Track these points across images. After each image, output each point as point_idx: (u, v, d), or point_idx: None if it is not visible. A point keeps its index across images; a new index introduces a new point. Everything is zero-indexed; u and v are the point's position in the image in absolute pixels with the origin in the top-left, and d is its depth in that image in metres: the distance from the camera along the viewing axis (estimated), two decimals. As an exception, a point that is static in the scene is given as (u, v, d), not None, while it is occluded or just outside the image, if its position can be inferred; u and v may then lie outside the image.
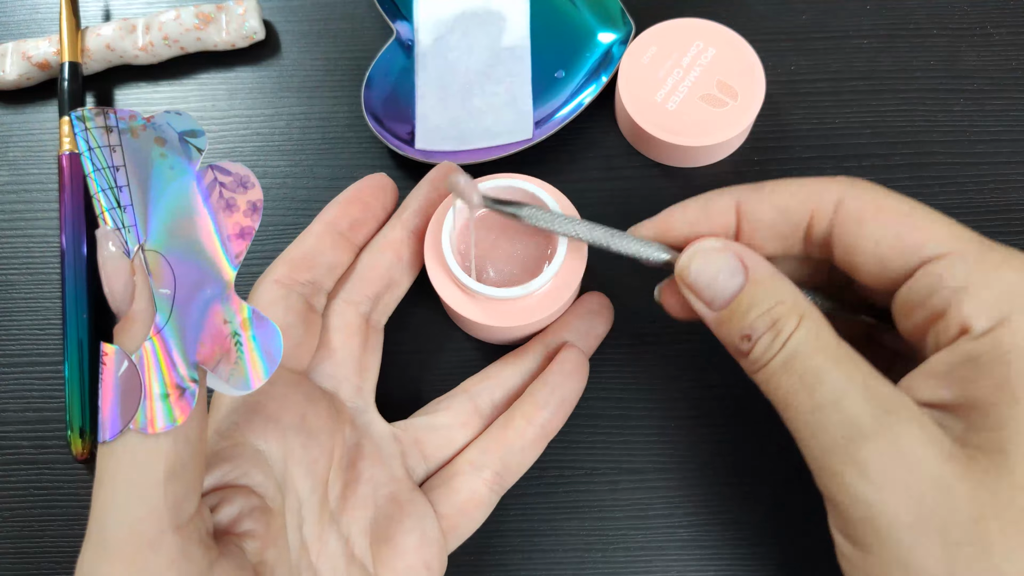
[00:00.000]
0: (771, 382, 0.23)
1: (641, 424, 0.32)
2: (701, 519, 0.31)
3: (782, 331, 0.23)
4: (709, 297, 0.25)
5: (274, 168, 0.37)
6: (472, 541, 0.31)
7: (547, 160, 0.36)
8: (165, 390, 0.20)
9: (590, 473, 0.32)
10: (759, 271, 0.24)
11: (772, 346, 0.23)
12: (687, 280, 0.25)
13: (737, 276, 0.24)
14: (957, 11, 0.38)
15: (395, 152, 0.37)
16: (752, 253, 0.25)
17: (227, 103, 0.39)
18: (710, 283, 0.25)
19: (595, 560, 0.31)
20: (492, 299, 0.29)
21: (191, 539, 0.21)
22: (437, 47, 0.37)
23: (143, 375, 0.20)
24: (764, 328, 0.23)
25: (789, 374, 0.23)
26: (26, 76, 0.38)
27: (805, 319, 0.23)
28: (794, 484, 0.31)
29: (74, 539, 0.31)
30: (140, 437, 0.20)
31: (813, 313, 0.23)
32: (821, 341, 0.23)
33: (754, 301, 0.24)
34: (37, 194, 0.37)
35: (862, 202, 0.24)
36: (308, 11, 0.40)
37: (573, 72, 0.37)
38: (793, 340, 0.23)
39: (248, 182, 0.23)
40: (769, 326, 0.23)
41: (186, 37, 0.38)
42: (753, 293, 0.24)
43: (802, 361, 0.23)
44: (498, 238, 0.31)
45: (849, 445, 0.21)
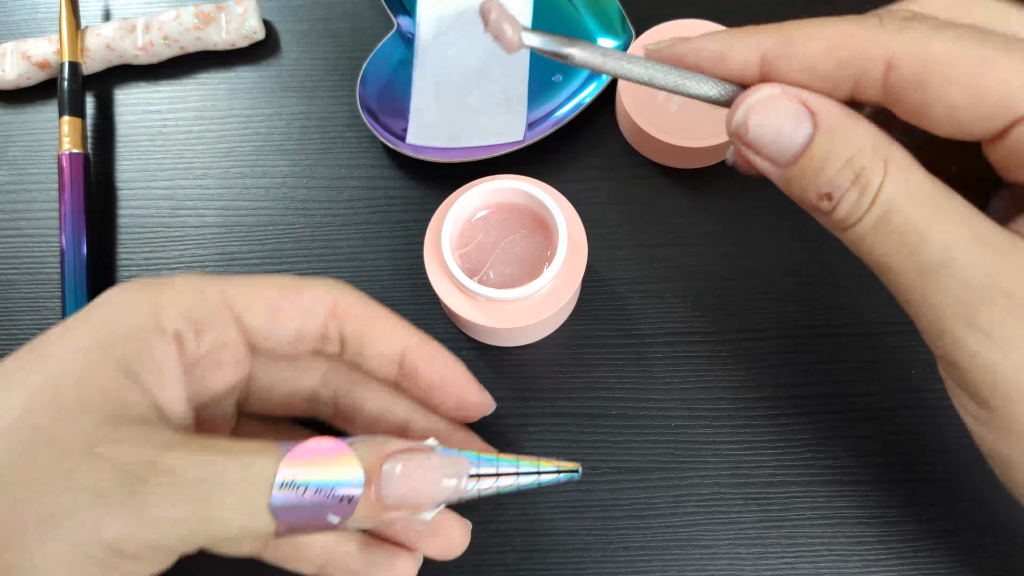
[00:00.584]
0: (864, 244, 0.21)
1: (641, 424, 0.32)
2: (701, 519, 0.31)
3: (869, 184, 0.20)
4: (774, 153, 0.21)
5: (273, 167, 0.37)
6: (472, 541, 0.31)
7: (547, 160, 0.36)
8: None
9: (590, 473, 0.32)
10: (830, 115, 0.21)
11: (860, 203, 0.20)
12: (746, 138, 0.22)
13: (804, 125, 0.21)
14: (957, 11, 0.38)
15: (394, 151, 0.37)
16: (817, 96, 0.21)
17: (227, 103, 0.39)
18: (775, 138, 0.21)
19: (595, 560, 0.31)
20: (492, 300, 0.29)
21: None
22: (437, 43, 0.37)
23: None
24: (847, 183, 0.20)
25: (886, 234, 0.20)
26: (26, 76, 0.38)
27: (891, 165, 0.20)
28: (794, 484, 0.31)
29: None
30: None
31: (900, 156, 0.20)
32: (916, 189, 0.20)
33: (829, 152, 0.21)
34: (37, 194, 0.37)
35: (920, 62, 0.20)
36: (308, 11, 0.40)
37: (571, 77, 0.37)
38: (884, 193, 0.20)
39: None
40: (853, 180, 0.20)
41: (186, 37, 0.38)
42: (826, 143, 0.21)
43: (899, 216, 0.20)
44: (498, 239, 0.31)
45: (968, 309, 0.19)
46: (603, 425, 0.32)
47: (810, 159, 0.21)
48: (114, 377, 0.22)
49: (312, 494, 0.21)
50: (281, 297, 0.25)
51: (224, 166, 0.37)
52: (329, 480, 0.21)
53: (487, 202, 0.31)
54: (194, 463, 0.21)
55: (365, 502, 0.21)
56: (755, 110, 0.21)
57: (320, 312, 0.25)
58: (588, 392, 0.33)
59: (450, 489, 0.22)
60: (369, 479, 0.21)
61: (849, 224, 0.21)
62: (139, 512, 0.20)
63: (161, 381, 0.23)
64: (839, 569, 0.30)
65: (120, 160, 0.38)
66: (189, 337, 0.24)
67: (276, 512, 0.21)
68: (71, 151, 0.36)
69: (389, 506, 0.21)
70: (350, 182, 0.37)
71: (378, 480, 0.21)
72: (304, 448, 0.21)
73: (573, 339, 0.33)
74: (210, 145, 0.38)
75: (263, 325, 0.25)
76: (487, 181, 0.30)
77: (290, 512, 0.21)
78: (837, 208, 0.21)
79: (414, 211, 0.36)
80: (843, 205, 0.21)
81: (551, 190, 0.31)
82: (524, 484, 0.23)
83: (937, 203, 0.20)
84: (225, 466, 0.21)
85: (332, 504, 0.21)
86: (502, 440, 0.32)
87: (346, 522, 0.21)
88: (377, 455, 0.22)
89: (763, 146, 0.22)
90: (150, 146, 0.38)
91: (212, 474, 0.21)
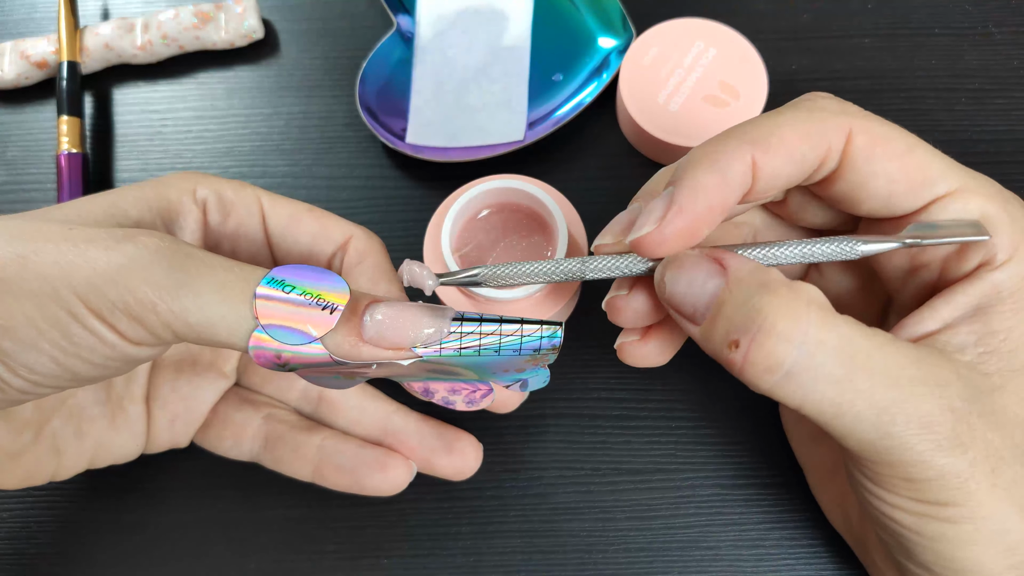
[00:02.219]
0: (782, 385, 0.21)
1: (641, 425, 0.32)
2: (702, 520, 0.31)
3: (775, 327, 0.20)
4: (690, 310, 0.22)
5: (273, 167, 0.37)
6: (472, 541, 0.31)
7: (547, 160, 0.36)
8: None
9: (591, 474, 0.32)
10: (738, 269, 0.22)
11: (771, 352, 0.20)
12: (665, 294, 0.23)
13: (715, 277, 0.22)
14: (958, 10, 0.38)
15: (393, 150, 0.37)
16: (731, 253, 0.22)
17: (226, 102, 0.38)
18: (687, 289, 0.22)
19: (596, 561, 0.31)
20: (492, 301, 0.29)
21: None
22: (437, 42, 0.37)
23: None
24: (754, 328, 0.20)
25: (798, 376, 0.20)
26: (24, 75, 0.38)
27: (799, 309, 0.20)
28: (795, 485, 0.31)
29: (72, 541, 0.31)
30: None
31: (812, 295, 0.21)
32: (827, 332, 0.21)
33: (736, 301, 0.21)
34: (36, 193, 0.37)
35: (871, 137, 0.22)
36: (307, 10, 0.40)
37: (571, 76, 0.36)
38: (796, 335, 0.20)
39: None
40: (758, 325, 0.20)
41: (185, 36, 0.38)
42: (734, 293, 0.21)
43: (813, 358, 0.20)
44: (498, 239, 0.31)
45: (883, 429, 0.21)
46: (603, 426, 0.32)
47: (719, 306, 0.21)
48: (140, 210, 0.25)
49: (298, 294, 0.21)
50: (306, 212, 0.27)
51: (223, 165, 0.37)
52: (319, 286, 0.21)
53: (487, 202, 0.31)
54: (187, 248, 0.21)
55: (345, 327, 0.21)
56: (670, 266, 0.22)
57: (335, 239, 0.27)
58: (588, 392, 0.33)
59: (430, 332, 0.21)
60: (354, 306, 0.21)
61: (779, 372, 0.20)
62: (113, 261, 0.20)
63: (183, 233, 0.26)
64: (839, 570, 0.30)
65: (119, 160, 0.38)
66: (215, 212, 0.26)
67: (259, 307, 0.20)
68: (69, 151, 0.36)
69: (369, 337, 0.21)
70: (349, 182, 0.37)
71: (362, 312, 0.21)
72: (298, 265, 0.22)
73: (573, 339, 0.33)
74: (209, 145, 0.38)
75: (281, 228, 0.27)
76: (487, 181, 0.30)
77: (272, 311, 0.20)
78: (748, 355, 0.21)
79: (414, 211, 0.36)
80: (752, 351, 0.20)
81: (551, 190, 0.31)
82: (507, 343, 0.22)
83: (850, 351, 0.21)
84: (218, 256, 0.21)
85: (315, 312, 0.21)
86: (502, 441, 0.32)
87: (325, 343, 0.21)
88: (366, 294, 0.22)
89: (679, 300, 0.22)
90: (149, 145, 0.38)
91: (202, 254, 0.21)
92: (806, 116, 0.23)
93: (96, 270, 0.20)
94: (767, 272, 0.22)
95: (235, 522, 0.31)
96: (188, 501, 0.32)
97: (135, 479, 0.32)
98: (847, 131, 0.22)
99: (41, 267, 0.20)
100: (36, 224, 0.22)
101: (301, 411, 0.31)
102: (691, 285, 0.22)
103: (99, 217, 0.24)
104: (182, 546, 0.31)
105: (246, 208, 0.27)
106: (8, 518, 0.32)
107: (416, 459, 0.29)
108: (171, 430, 0.30)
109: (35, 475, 0.26)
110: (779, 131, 0.22)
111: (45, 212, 0.24)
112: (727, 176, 0.22)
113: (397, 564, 0.31)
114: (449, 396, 0.26)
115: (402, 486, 0.29)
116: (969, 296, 0.22)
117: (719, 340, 0.21)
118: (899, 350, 0.21)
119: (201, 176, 0.27)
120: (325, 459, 0.29)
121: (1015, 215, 0.23)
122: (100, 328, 0.20)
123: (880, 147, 0.22)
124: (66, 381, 0.22)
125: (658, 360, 0.25)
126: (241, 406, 0.30)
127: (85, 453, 0.28)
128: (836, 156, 0.23)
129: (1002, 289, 0.22)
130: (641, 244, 0.22)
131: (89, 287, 0.20)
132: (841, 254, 0.23)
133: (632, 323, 0.25)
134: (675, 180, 0.23)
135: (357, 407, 0.30)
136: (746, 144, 0.22)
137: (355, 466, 0.29)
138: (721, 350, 0.21)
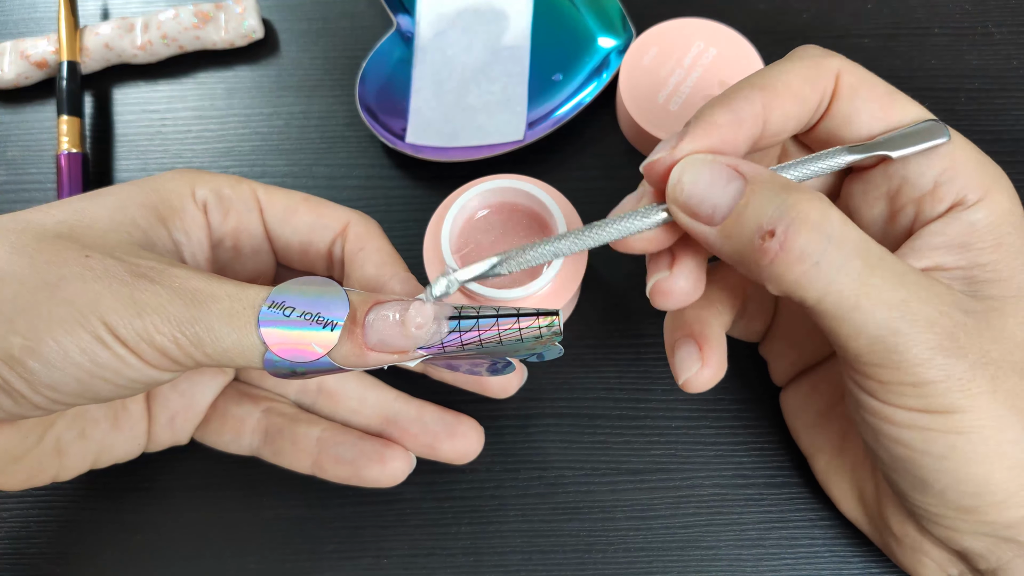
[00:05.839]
0: (829, 281, 0.21)
1: (641, 424, 0.32)
2: (702, 520, 0.31)
3: (809, 217, 0.21)
4: (709, 210, 0.22)
5: (273, 167, 0.37)
6: (472, 541, 0.31)
7: (547, 160, 0.36)
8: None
9: (590, 474, 0.32)
10: (758, 172, 0.22)
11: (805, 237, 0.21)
12: (680, 198, 0.23)
13: (735, 181, 0.22)
14: (958, 10, 0.38)
15: (393, 150, 0.37)
16: (744, 161, 0.23)
17: (226, 102, 0.38)
18: (706, 193, 0.22)
19: (595, 561, 0.31)
20: (492, 300, 0.29)
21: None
22: (437, 41, 0.37)
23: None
24: (792, 215, 0.21)
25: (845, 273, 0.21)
26: (24, 75, 0.38)
27: (825, 205, 0.22)
28: (794, 485, 0.31)
29: (72, 541, 0.31)
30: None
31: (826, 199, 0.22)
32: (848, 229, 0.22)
33: (765, 197, 0.22)
34: (36, 193, 0.37)
35: (856, 78, 0.24)
36: (307, 10, 0.40)
37: (571, 76, 0.36)
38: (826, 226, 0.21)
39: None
40: (792, 216, 0.21)
41: (185, 36, 0.38)
42: (762, 188, 0.22)
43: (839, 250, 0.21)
44: (499, 239, 0.31)
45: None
46: (603, 426, 0.32)
47: (746, 204, 0.22)
48: (146, 217, 0.25)
49: (298, 317, 0.22)
50: (302, 202, 0.28)
51: (223, 165, 0.37)
52: (316, 305, 0.22)
53: (487, 202, 0.31)
54: (195, 277, 0.23)
55: (348, 337, 0.22)
56: (687, 167, 0.23)
57: (333, 227, 0.27)
58: (588, 392, 0.33)
59: (430, 330, 0.22)
60: (355, 316, 0.22)
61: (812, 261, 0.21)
62: (136, 298, 0.22)
63: (188, 238, 0.26)
64: (840, 570, 0.30)
65: (119, 159, 0.38)
66: (215, 211, 0.27)
67: (264, 332, 0.22)
68: (69, 151, 0.36)
69: (372, 344, 0.22)
70: (349, 181, 0.37)
71: (363, 320, 0.22)
72: (296, 280, 0.23)
73: (573, 339, 0.33)
74: (209, 144, 0.38)
75: (278, 220, 0.27)
76: (486, 181, 0.30)
77: (277, 334, 0.22)
78: (785, 243, 0.21)
79: (414, 210, 0.36)
80: (790, 239, 0.21)
81: (551, 189, 0.31)
82: (507, 336, 0.23)
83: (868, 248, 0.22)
84: (223, 285, 0.23)
85: (317, 331, 0.22)
86: (502, 441, 0.32)
87: (331, 357, 0.22)
88: (366, 300, 0.23)
89: (697, 201, 0.22)
90: (149, 145, 0.38)
91: (209, 287, 0.22)
92: (802, 63, 0.24)
93: (120, 301, 0.21)
94: (783, 176, 0.23)
95: (235, 522, 0.31)
96: (188, 501, 0.32)
97: (135, 479, 0.32)
98: (836, 72, 0.24)
99: (69, 294, 0.21)
100: (52, 249, 0.22)
101: (301, 403, 0.31)
102: (711, 185, 0.22)
103: (106, 226, 0.24)
104: (182, 546, 0.31)
105: (244, 204, 0.27)
106: (8, 518, 0.32)
107: (419, 445, 0.29)
108: (172, 428, 0.30)
109: (38, 476, 0.27)
110: (784, 76, 0.24)
111: (47, 213, 0.24)
112: (740, 115, 0.23)
113: (397, 564, 0.31)
114: (473, 368, 0.27)
115: (401, 477, 0.29)
116: (947, 233, 0.24)
117: (748, 233, 0.22)
118: (904, 260, 0.23)
119: (197, 174, 0.27)
120: (324, 451, 0.29)
121: (984, 163, 0.24)
122: (127, 355, 0.22)
123: (865, 88, 0.24)
124: (85, 399, 0.23)
125: (693, 293, 0.25)
126: (240, 400, 0.30)
127: (88, 454, 0.28)
128: (827, 96, 0.25)
129: (979, 227, 0.23)
130: (654, 166, 0.23)
131: (116, 317, 0.21)
132: (832, 166, 0.24)
133: (681, 302, 0.25)
134: (689, 121, 0.24)
135: (357, 397, 0.30)
136: (756, 89, 0.24)
137: (354, 457, 0.29)
138: (751, 242, 0.22)
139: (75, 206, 0.24)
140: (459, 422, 0.30)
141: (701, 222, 0.23)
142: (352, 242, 0.27)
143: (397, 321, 0.22)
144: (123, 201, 0.25)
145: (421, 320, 0.22)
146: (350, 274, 0.27)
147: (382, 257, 0.27)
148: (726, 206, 0.22)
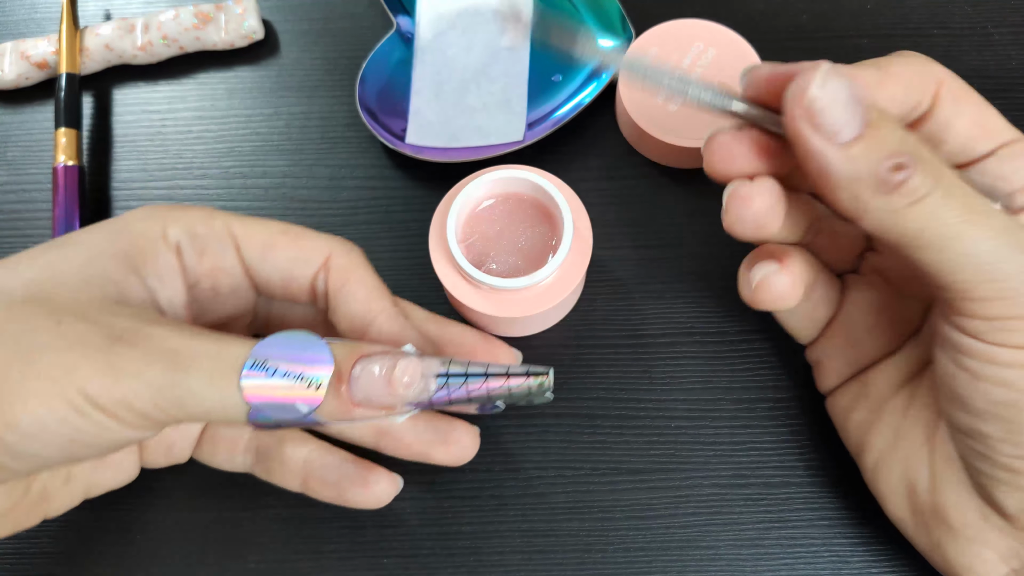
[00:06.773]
0: (933, 215, 0.21)
1: (641, 424, 0.32)
2: (701, 520, 0.31)
3: (925, 155, 0.22)
4: (836, 126, 0.22)
5: (273, 167, 0.37)
6: (472, 541, 0.31)
7: (547, 160, 0.36)
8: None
9: (590, 474, 0.32)
10: (883, 107, 0.23)
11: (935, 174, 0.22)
12: (807, 99, 0.22)
13: (865, 106, 0.22)
14: (957, 11, 0.38)
15: (393, 151, 0.37)
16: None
17: (226, 102, 0.38)
18: (848, 104, 0.22)
19: (595, 561, 0.31)
20: (496, 289, 0.29)
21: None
22: (437, 42, 0.37)
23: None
24: (925, 155, 0.22)
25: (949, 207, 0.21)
26: (25, 76, 0.38)
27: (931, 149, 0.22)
28: (795, 485, 0.31)
29: (72, 541, 0.31)
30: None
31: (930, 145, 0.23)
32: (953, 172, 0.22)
33: (892, 128, 0.22)
34: (35, 194, 0.37)
35: (956, 86, 0.25)
36: (307, 10, 0.40)
37: (571, 77, 0.36)
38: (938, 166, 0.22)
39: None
40: (917, 152, 0.22)
41: (185, 36, 0.38)
42: (889, 122, 0.22)
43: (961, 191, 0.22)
44: (503, 229, 0.31)
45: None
46: (603, 425, 0.32)
47: (878, 129, 0.22)
48: (117, 267, 0.24)
49: (281, 377, 0.21)
50: (280, 235, 0.26)
51: (223, 166, 0.37)
52: (299, 365, 0.21)
53: (492, 192, 0.31)
54: (174, 336, 0.22)
55: (334, 395, 0.22)
56: (829, 78, 0.22)
57: (314, 261, 0.26)
58: (588, 392, 0.33)
59: (418, 389, 0.22)
60: (340, 373, 0.22)
61: (919, 197, 0.21)
62: (114, 364, 0.21)
63: (162, 283, 0.25)
64: (839, 570, 0.30)
65: (119, 160, 0.38)
66: (189, 252, 0.26)
67: (247, 392, 0.21)
68: (66, 163, 0.36)
69: (358, 401, 0.22)
70: (349, 182, 0.37)
71: (348, 376, 0.22)
72: (278, 336, 0.22)
73: (573, 339, 0.33)
74: (209, 145, 0.38)
75: (256, 258, 0.26)
76: (493, 171, 0.30)
77: (260, 393, 0.21)
78: (913, 177, 0.21)
79: (414, 211, 0.36)
80: (917, 176, 0.21)
81: (557, 180, 0.31)
82: (495, 391, 0.22)
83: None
84: (202, 343, 0.22)
85: (301, 390, 0.21)
86: (502, 441, 0.32)
87: (317, 414, 0.22)
88: (350, 353, 0.22)
89: (828, 110, 0.22)
90: (149, 146, 0.38)
91: (188, 347, 0.22)
92: (909, 60, 0.25)
93: (97, 369, 0.21)
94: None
95: (235, 522, 0.31)
96: (188, 501, 0.32)
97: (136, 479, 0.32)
98: (940, 78, 0.25)
99: (43, 367, 0.21)
100: (22, 317, 0.22)
101: None
102: (848, 103, 0.22)
103: (76, 284, 0.23)
104: (182, 546, 0.31)
105: (219, 242, 0.26)
106: (8, 518, 0.32)
107: (413, 454, 0.29)
108: (169, 455, 0.30)
109: (25, 522, 0.26)
110: (894, 67, 0.24)
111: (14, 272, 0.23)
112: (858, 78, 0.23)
113: (397, 564, 0.31)
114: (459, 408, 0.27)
115: (386, 500, 0.29)
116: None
117: (878, 158, 0.21)
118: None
119: (168, 211, 0.26)
120: (311, 473, 0.29)
121: (984, 103, 0.25)
122: (107, 421, 0.21)
123: (964, 97, 0.25)
124: (68, 462, 0.23)
125: (796, 293, 0.25)
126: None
127: (77, 493, 0.28)
128: (929, 98, 0.25)
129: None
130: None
131: (93, 387, 0.21)
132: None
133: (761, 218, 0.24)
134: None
135: None
136: (871, 68, 0.24)
137: (338, 480, 0.29)
138: (877, 168, 0.21)
139: (43, 260, 0.24)
140: (452, 428, 0.29)
141: (822, 137, 0.22)
142: (335, 276, 0.26)
143: (383, 377, 0.22)
144: (92, 253, 0.24)
145: (408, 380, 0.22)
146: (335, 309, 0.27)
147: (367, 291, 0.26)
148: (857, 127, 0.22)
